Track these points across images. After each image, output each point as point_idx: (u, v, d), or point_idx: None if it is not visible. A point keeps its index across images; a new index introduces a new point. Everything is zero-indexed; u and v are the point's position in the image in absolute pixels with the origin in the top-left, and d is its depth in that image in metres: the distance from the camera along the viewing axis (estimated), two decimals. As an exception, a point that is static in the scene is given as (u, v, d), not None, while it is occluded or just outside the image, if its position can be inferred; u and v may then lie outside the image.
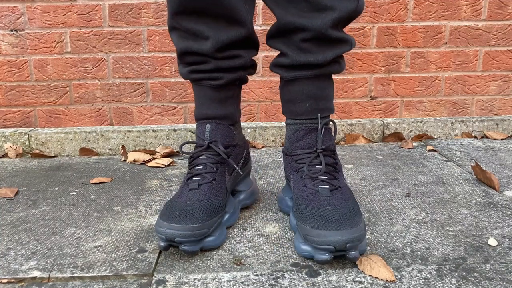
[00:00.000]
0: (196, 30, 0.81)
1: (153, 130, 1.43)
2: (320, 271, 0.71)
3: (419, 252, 0.76)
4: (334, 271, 0.70)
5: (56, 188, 1.11)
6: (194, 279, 0.69)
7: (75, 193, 1.07)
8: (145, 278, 0.70)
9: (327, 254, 0.69)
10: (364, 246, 0.74)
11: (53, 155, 1.41)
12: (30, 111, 1.48)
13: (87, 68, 1.45)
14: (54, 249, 0.79)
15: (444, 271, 0.70)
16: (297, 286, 0.67)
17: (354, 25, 1.47)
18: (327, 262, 0.69)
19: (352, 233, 0.69)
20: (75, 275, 0.71)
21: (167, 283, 0.68)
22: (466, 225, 0.86)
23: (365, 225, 0.77)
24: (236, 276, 0.70)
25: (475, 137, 1.51)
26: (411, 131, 1.51)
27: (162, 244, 0.74)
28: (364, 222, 0.74)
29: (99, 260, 0.75)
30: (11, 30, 1.41)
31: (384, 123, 1.50)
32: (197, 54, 0.83)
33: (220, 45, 0.81)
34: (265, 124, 1.48)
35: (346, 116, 1.54)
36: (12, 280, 0.70)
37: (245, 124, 1.48)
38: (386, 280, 0.68)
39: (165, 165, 1.28)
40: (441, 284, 0.67)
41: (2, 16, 1.40)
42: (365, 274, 0.69)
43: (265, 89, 1.50)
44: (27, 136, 1.41)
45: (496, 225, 0.86)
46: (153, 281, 0.69)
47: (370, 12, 1.46)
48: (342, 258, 0.74)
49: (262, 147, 1.46)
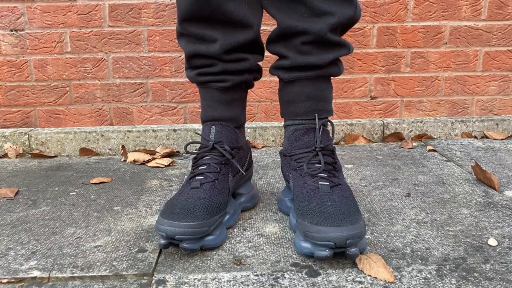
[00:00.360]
0: (204, 34, 0.84)
1: (153, 130, 1.43)
2: (320, 271, 0.71)
3: (419, 252, 0.76)
4: (334, 271, 0.70)
5: (56, 188, 1.11)
6: (194, 279, 0.69)
7: (75, 193, 1.07)
8: (145, 278, 0.70)
9: (327, 251, 0.69)
10: (364, 244, 0.74)
11: (53, 155, 1.41)
12: (30, 111, 1.48)
13: (87, 68, 1.45)
14: (54, 249, 0.79)
15: (444, 271, 0.70)
16: (297, 286, 0.67)
17: (354, 25, 1.47)
18: (327, 259, 0.69)
19: (353, 230, 0.69)
20: (75, 275, 0.71)
21: (167, 283, 0.68)
22: (466, 225, 0.86)
23: (365, 225, 0.78)
24: (236, 276, 0.70)
25: (475, 137, 1.51)
26: (411, 131, 1.51)
27: (163, 242, 0.74)
28: (364, 221, 0.74)
29: (99, 260, 0.75)
30: (11, 30, 1.41)
31: (384, 123, 1.50)
32: (205, 57, 0.86)
33: (228, 47, 0.84)
34: (265, 124, 1.48)
35: (346, 116, 1.54)
36: (12, 280, 0.70)
37: (245, 124, 1.48)
38: (385, 281, 0.68)
39: (165, 165, 1.28)
40: (441, 284, 0.67)
41: (2, 16, 1.40)
42: (365, 274, 0.69)
43: (265, 89, 1.50)
44: (27, 136, 1.41)
45: (496, 225, 0.86)
46: (153, 281, 0.69)
47: (370, 12, 1.46)
48: (342, 258, 0.74)
49: (262, 147, 1.46)
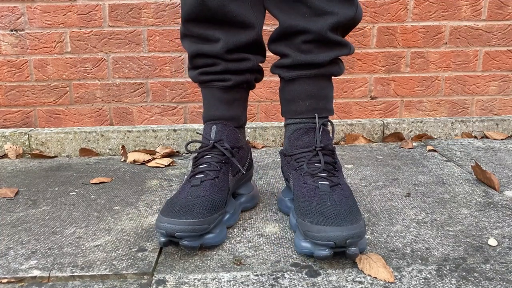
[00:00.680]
0: (207, 35, 0.86)
1: (153, 130, 1.43)
2: (320, 271, 0.71)
3: (419, 252, 0.76)
4: (334, 271, 0.70)
5: (56, 188, 1.11)
6: (194, 279, 0.69)
7: (75, 193, 1.07)
8: (145, 278, 0.70)
9: (327, 250, 0.69)
10: (364, 244, 0.74)
11: (53, 155, 1.41)
12: (30, 111, 1.48)
13: (87, 68, 1.45)
14: (54, 249, 0.79)
15: (444, 271, 0.70)
16: (297, 286, 0.67)
17: (354, 25, 1.47)
18: (327, 258, 0.69)
19: (353, 229, 0.69)
20: (75, 274, 0.71)
21: (167, 283, 0.68)
22: (466, 225, 0.86)
23: (365, 225, 0.78)
24: (236, 276, 0.70)
25: (475, 137, 1.51)
26: (411, 131, 1.51)
27: (162, 240, 0.74)
28: (364, 220, 0.75)
29: (99, 259, 0.75)
30: (11, 30, 1.41)
31: (384, 123, 1.50)
32: (208, 56, 0.87)
33: (230, 47, 0.85)
34: (265, 124, 1.48)
35: (346, 116, 1.54)
36: (12, 280, 0.70)
37: (245, 124, 1.48)
38: (385, 281, 0.68)
39: (165, 165, 1.28)
40: (441, 284, 0.67)
41: (2, 16, 1.40)
42: (365, 274, 0.69)
43: (265, 89, 1.50)
44: (27, 136, 1.41)
45: (496, 225, 0.86)
46: (153, 281, 0.69)
47: (370, 12, 1.46)
48: (342, 258, 0.74)
49: (262, 147, 1.46)
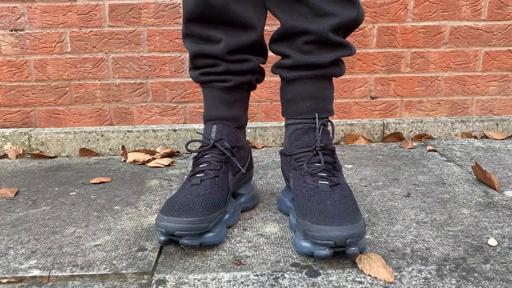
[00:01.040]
0: (209, 35, 0.85)
1: (153, 130, 1.43)
2: (320, 271, 0.71)
3: (419, 252, 0.76)
4: (334, 271, 0.70)
5: (56, 188, 1.11)
6: (194, 279, 0.69)
7: (75, 193, 1.07)
8: (145, 277, 0.70)
9: (327, 250, 0.69)
10: (364, 244, 0.74)
11: (53, 156, 1.41)
12: (30, 111, 1.48)
13: (87, 68, 1.45)
14: (54, 248, 0.79)
15: (444, 271, 0.70)
16: (297, 286, 0.67)
17: (354, 25, 1.47)
18: (327, 258, 0.69)
19: (353, 229, 0.69)
20: (75, 274, 0.71)
21: (167, 283, 0.68)
22: (466, 225, 0.86)
23: (365, 224, 0.78)
24: (236, 276, 0.70)
25: (475, 137, 1.51)
26: (411, 131, 1.51)
27: (162, 238, 0.74)
28: (364, 220, 0.75)
29: (99, 259, 0.75)
30: (11, 30, 1.41)
31: (384, 123, 1.50)
32: (209, 57, 0.87)
33: (232, 48, 0.85)
34: (265, 124, 1.48)
35: (346, 116, 1.54)
36: (12, 280, 0.70)
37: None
38: (385, 281, 0.68)
39: (165, 165, 1.28)
40: (441, 284, 0.67)
41: (2, 16, 1.40)
42: (365, 274, 0.69)
43: (265, 89, 1.50)
44: (27, 136, 1.41)
45: (496, 225, 0.86)
46: (153, 281, 0.69)
47: (370, 12, 1.46)
48: (342, 258, 0.74)
49: (262, 147, 1.46)
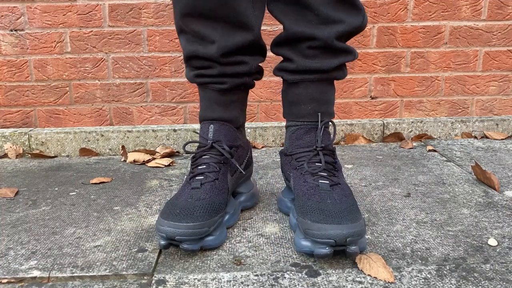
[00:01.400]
0: (203, 33, 0.83)
1: (153, 130, 1.43)
2: (320, 271, 0.71)
3: (419, 252, 0.76)
4: (334, 271, 0.70)
5: (56, 188, 1.11)
6: (194, 279, 0.69)
7: (75, 193, 1.07)
8: (145, 278, 0.70)
9: (327, 248, 0.69)
10: (364, 244, 0.74)
11: (53, 155, 1.41)
12: (30, 111, 1.48)
13: (87, 68, 1.45)
14: (54, 249, 0.79)
15: (444, 271, 0.70)
16: (297, 286, 0.67)
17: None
18: (327, 257, 0.69)
19: (353, 228, 0.69)
20: (75, 275, 0.71)
21: (167, 283, 0.68)
22: (466, 225, 0.86)
23: (365, 224, 0.78)
24: (236, 276, 0.70)
25: (475, 137, 1.51)
26: (411, 131, 1.51)
27: (163, 243, 0.74)
28: (364, 220, 0.75)
29: (99, 260, 0.75)
30: (11, 30, 1.41)
31: (384, 123, 1.50)
32: (203, 59, 0.85)
33: (226, 50, 0.82)
34: (265, 124, 1.48)
35: (346, 116, 1.54)
36: (12, 280, 0.70)
37: (245, 124, 1.48)
38: (385, 281, 0.68)
39: (165, 165, 1.28)
40: (441, 284, 0.67)
41: (2, 16, 1.40)
42: (365, 274, 0.69)
43: (265, 89, 1.50)
44: (27, 136, 1.41)
45: (496, 225, 0.86)
46: (153, 281, 0.69)
47: (370, 12, 1.46)
48: (342, 258, 0.74)
49: (262, 147, 1.46)
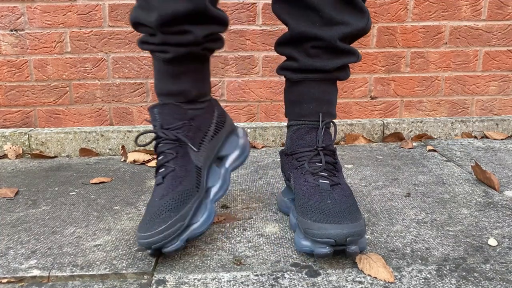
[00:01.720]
0: None
1: (153, 130, 1.43)
2: (320, 271, 0.71)
3: (419, 252, 0.76)
4: (334, 271, 0.70)
5: (56, 188, 1.11)
6: (194, 279, 0.69)
7: (75, 193, 1.07)
8: (145, 277, 0.70)
9: (327, 248, 0.69)
10: (364, 244, 0.74)
11: (53, 156, 1.41)
12: (30, 111, 1.48)
13: (87, 68, 1.45)
14: (54, 248, 0.79)
15: (444, 271, 0.70)
16: (297, 286, 0.67)
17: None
18: (327, 256, 0.69)
19: (353, 228, 0.69)
20: (75, 274, 0.71)
21: (167, 283, 0.68)
22: (466, 225, 0.86)
23: (365, 224, 0.78)
24: (236, 276, 0.70)
25: (475, 137, 1.51)
26: (411, 131, 1.51)
27: (149, 252, 0.73)
28: (364, 220, 0.75)
29: (99, 259, 0.75)
30: (11, 30, 1.41)
31: (384, 123, 1.50)
32: (146, 26, 0.77)
33: (165, 19, 0.74)
34: (265, 124, 1.48)
35: (346, 116, 1.54)
36: (12, 280, 0.70)
37: (245, 124, 1.48)
38: (385, 281, 0.68)
39: (165, 165, 1.28)
40: (441, 284, 0.67)
41: (2, 16, 1.40)
42: (365, 274, 0.69)
43: (265, 89, 1.50)
44: (27, 136, 1.41)
45: (496, 225, 0.86)
46: (153, 281, 0.69)
47: (370, 12, 1.46)
48: (342, 258, 0.74)
49: (262, 147, 1.46)
